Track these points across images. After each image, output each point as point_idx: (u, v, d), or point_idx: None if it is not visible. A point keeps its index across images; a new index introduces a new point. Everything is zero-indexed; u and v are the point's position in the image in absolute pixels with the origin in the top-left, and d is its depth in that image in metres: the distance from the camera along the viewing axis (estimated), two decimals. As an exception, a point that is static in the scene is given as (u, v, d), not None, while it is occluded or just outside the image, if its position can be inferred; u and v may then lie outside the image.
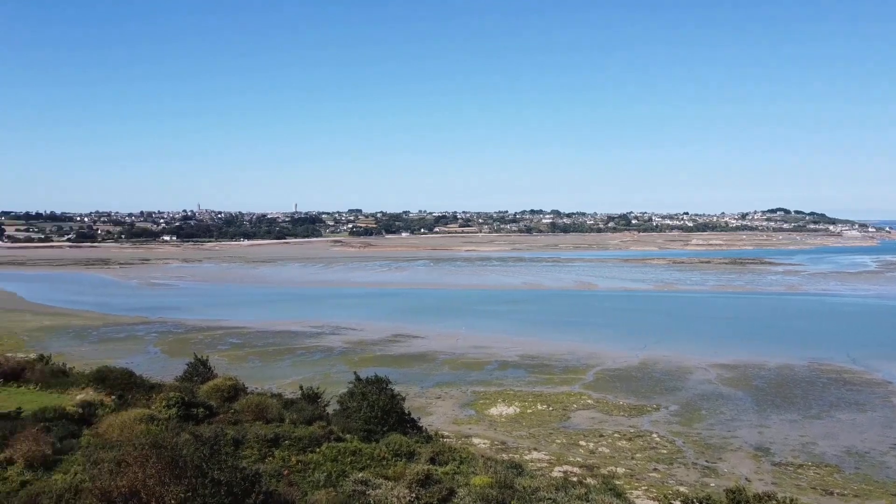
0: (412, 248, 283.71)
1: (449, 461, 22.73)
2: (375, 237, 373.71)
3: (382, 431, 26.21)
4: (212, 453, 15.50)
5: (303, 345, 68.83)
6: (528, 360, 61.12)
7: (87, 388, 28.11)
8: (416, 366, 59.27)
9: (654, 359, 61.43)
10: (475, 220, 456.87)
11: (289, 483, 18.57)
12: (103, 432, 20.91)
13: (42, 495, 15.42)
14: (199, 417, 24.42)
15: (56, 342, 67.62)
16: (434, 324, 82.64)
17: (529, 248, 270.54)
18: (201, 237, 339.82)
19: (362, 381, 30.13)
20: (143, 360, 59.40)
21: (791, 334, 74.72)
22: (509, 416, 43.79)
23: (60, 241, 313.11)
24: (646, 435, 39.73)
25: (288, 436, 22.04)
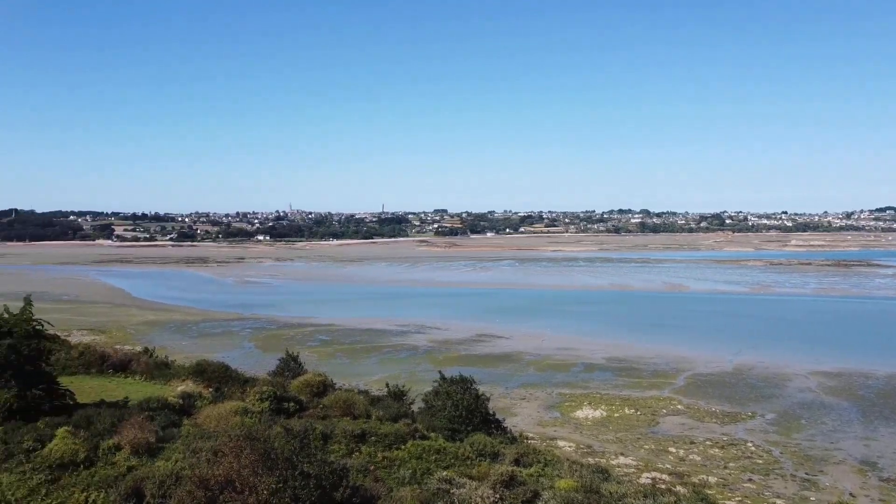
0: (497, 247, 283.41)
1: (533, 463, 22.58)
2: (461, 237, 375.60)
3: (467, 431, 26.31)
4: (302, 447, 16.01)
5: (389, 343, 69.98)
6: (616, 363, 59.88)
7: (187, 380, 29.60)
8: (500, 366, 59.16)
9: (750, 364, 58.91)
10: (561, 220, 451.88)
11: (375, 479, 18.92)
12: (201, 422, 21.95)
13: (146, 480, 16.34)
14: (290, 411, 25.23)
15: (159, 336, 71.50)
16: (519, 324, 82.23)
17: (617, 249, 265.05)
18: (293, 237, 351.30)
19: (447, 380, 30.36)
20: (238, 354, 61.91)
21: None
22: (595, 420, 43.05)
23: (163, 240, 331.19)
24: (740, 444, 38.15)
25: (374, 432, 22.45)
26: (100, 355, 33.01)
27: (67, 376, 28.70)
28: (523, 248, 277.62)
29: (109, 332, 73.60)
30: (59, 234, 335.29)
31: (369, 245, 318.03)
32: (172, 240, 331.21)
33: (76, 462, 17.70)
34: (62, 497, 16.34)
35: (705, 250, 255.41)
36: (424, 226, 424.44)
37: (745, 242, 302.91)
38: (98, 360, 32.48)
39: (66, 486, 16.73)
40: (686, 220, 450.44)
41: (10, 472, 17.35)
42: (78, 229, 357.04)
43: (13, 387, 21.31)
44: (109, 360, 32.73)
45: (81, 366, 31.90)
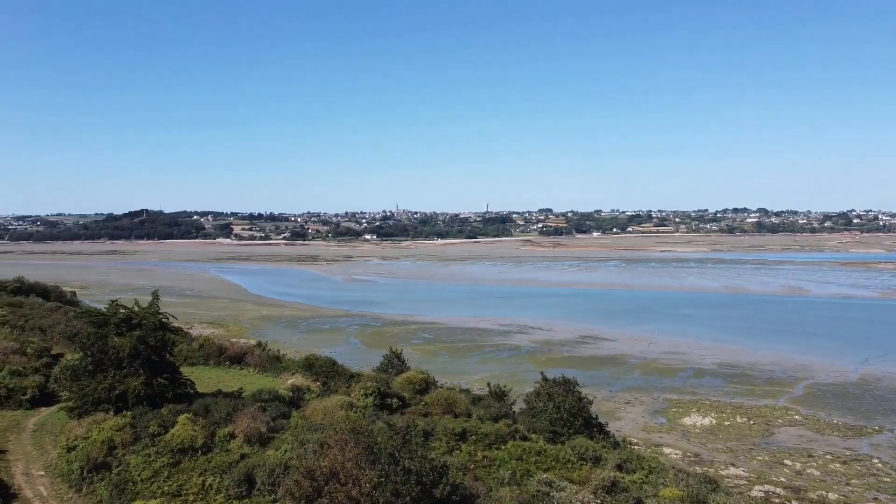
0: (603, 247, 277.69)
1: (637, 469, 21.99)
2: (565, 237, 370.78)
3: (568, 434, 25.96)
4: (404, 443, 16.30)
5: (491, 342, 70.08)
6: (727, 369, 57.27)
7: (296, 374, 30.83)
8: (604, 368, 57.94)
9: (878, 375, 54.80)
10: (671, 220, 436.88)
11: (474, 478, 19.00)
12: (309, 415, 22.80)
13: (257, 468, 17.19)
14: (393, 407, 25.77)
15: (272, 330, 74.90)
16: (625, 326, 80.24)
17: (731, 249, 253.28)
18: (398, 236, 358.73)
19: (549, 381, 30.04)
20: (344, 350, 63.87)
21: None
22: (704, 427, 41.35)
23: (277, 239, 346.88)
24: (865, 459, 35.56)
25: (475, 431, 22.54)
26: (218, 348, 34.95)
27: (188, 367, 30.62)
28: (631, 248, 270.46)
29: (227, 325, 77.87)
30: (184, 233, 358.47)
31: (473, 244, 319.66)
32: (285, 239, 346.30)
33: (195, 447, 18.84)
34: (181, 480, 17.45)
35: (829, 251, 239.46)
36: (528, 225, 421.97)
37: (875, 243, 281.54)
38: (216, 352, 34.43)
39: (186, 470, 17.85)
40: (808, 219, 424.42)
41: (137, 454, 18.72)
42: (201, 228, 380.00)
43: (141, 375, 22.95)
44: (226, 352, 34.61)
45: (201, 357, 33.92)
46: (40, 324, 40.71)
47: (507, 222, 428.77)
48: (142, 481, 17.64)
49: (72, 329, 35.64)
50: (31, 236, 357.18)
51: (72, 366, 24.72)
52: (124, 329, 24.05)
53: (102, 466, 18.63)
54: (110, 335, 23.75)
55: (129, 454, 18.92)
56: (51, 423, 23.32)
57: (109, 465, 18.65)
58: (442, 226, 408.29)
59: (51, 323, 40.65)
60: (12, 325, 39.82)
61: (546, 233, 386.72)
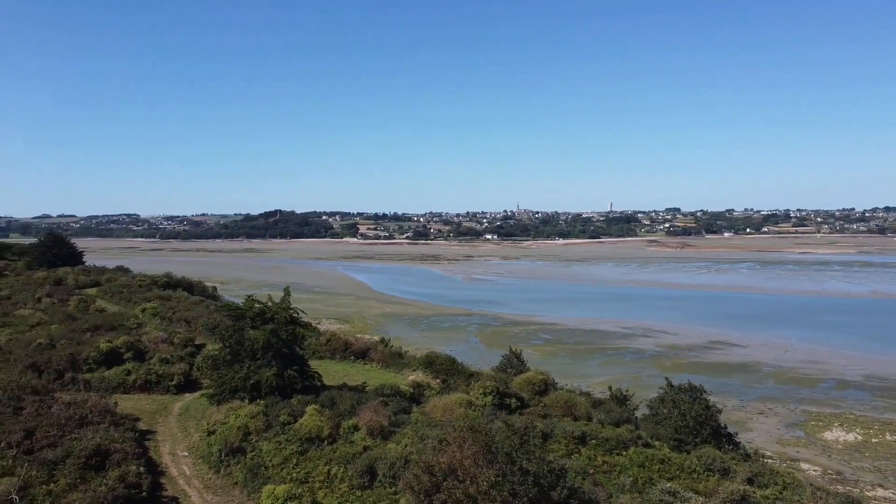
0: (735, 248, 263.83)
1: (770, 484, 20.69)
2: (694, 237, 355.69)
3: (694, 442, 24.92)
4: (521, 443, 16.24)
5: (613, 345, 68.39)
6: (876, 382, 52.78)
7: (417, 371, 31.51)
8: (735, 376, 55.03)
9: None
10: (812, 219, 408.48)
11: (594, 482, 18.63)
12: (429, 411, 23.22)
13: (379, 461, 17.71)
14: (512, 407, 25.75)
15: (394, 327, 76.90)
16: (757, 332, 75.83)
17: (882, 252, 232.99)
18: (519, 236, 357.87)
19: (674, 387, 28.95)
20: (464, 348, 64.49)
21: None
22: (848, 444, 38.32)
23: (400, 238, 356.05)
24: None
25: (595, 435, 22.09)
26: (343, 343, 36.34)
27: (316, 360, 32.05)
28: (765, 249, 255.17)
29: (352, 321, 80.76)
30: (314, 232, 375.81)
31: (596, 244, 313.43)
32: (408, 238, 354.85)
33: (321, 437, 19.71)
34: (308, 468, 18.29)
35: None
36: (654, 225, 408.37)
37: None
38: (342, 347, 35.81)
39: (312, 459, 18.70)
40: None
41: (269, 441, 19.82)
42: (329, 228, 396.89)
43: (273, 366, 24.27)
44: (351, 347, 35.92)
45: (328, 351, 35.40)
46: (186, 316, 43.93)
47: (632, 222, 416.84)
48: (273, 466, 18.66)
49: (213, 321, 38.22)
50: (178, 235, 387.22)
51: (212, 356, 26.56)
52: (258, 323, 25.54)
53: (238, 451, 19.90)
54: (246, 328, 25.34)
55: (261, 440, 20.08)
56: (194, 408, 25.17)
57: (244, 450, 19.89)
58: (564, 226, 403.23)
59: (195, 315, 43.74)
60: (161, 317, 43.26)
61: (673, 233, 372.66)
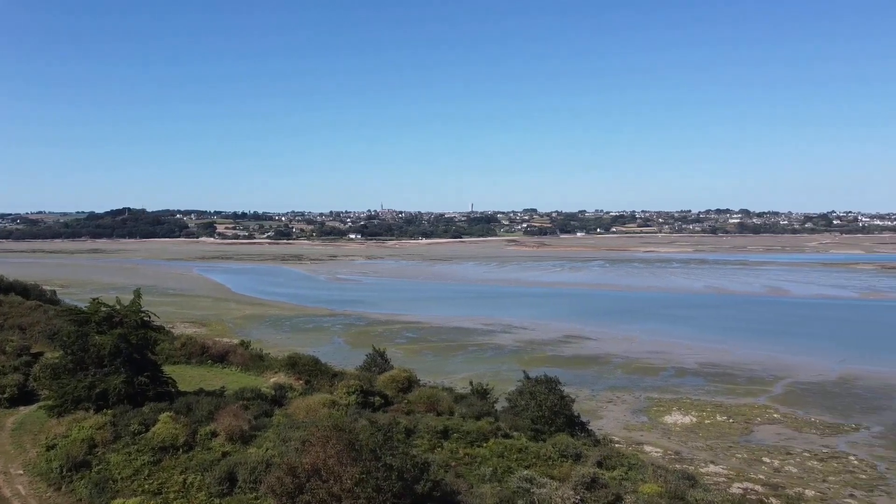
0: (587, 248, 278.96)
1: (617, 466, 22.22)
2: (550, 237, 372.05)
3: (550, 431, 26.17)
4: (386, 440, 16.45)
5: (475, 342, 70.28)
6: (709, 369, 57.85)
7: (279, 373, 30.84)
8: (587, 368, 58.33)
9: (856, 374, 55.59)
10: (655, 220, 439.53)
11: (456, 474, 19.16)
12: (292, 413, 22.85)
13: (239, 466, 17.22)
14: (376, 405, 25.87)
15: (255, 329, 74.63)
16: (608, 326, 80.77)
17: (714, 250, 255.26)
18: (383, 235, 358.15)
19: (532, 380, 30.27)
20: (328, 349, 63.79)
21: None
22: (685, 426, 41.78)
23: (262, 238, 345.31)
24: (842, 456, 36.12)
25: (457, 429, 22.70)
26: (200, 346, 34.85)
27: (171, 365, 30.51)
28: (615, 248, 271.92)
29: (210, 324, 77.46)
30: (167, 232, 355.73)
31: (458, 244, 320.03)
32: (270, 238, 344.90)
33: (176, 446, 18.84)
34: (163, 478, 17.46)
35: (810, 252, 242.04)
36: (513, 225, 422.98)
37: (855, 244, 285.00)
38: (199, 350, 34.33)
39: (167, 468, 17.86)
40: (789, 220, 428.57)
41: (118, 453, 18.69)
42: (184, 227, 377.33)
43: (122, 373, 22.86)
44: (209, 351, 34.52)
45: (184, 356, 33.82)
46: (20, 322, 40.35)
47: (492, 222, 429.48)
48: (122, 479, 17.62)
49: (52, 328, 35.32)
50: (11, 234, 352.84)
51: (52, 364, 24.60)
52: (105, 327, 23.97)
53: (82, 465, 18.58)
54: (91, 333, 23.67)
55: (109, 452, 18.89)
56: (30, 422, 23.19)
57: (90, 464, 18.61)
58: (427, 225, 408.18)
59: (31, 322, 40.29)
60: (-9, 324, 39.42)
61: (531, 233, 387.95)
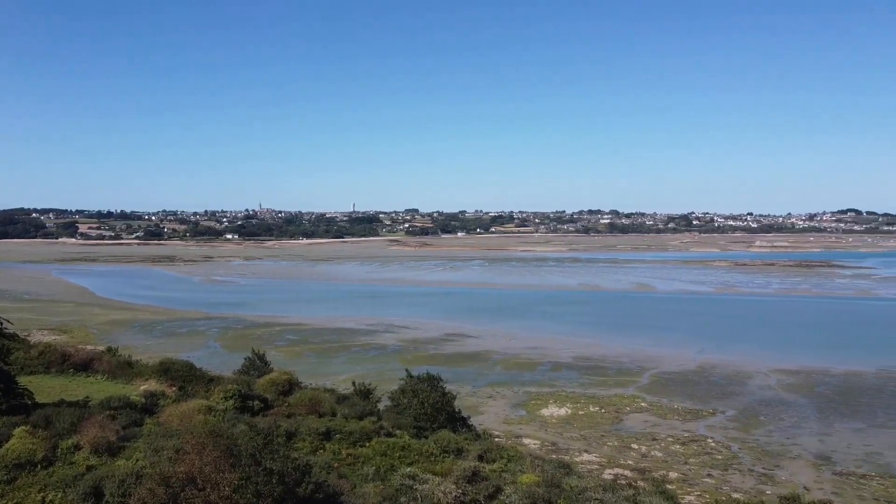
0: (468, 247, 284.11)
1: (497, 459, 22.85)
2: (432, 237, 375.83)
3: (432, 428, 26.53)
4: (266, 444, 16.08)
5: (358, 342, 69.90)
6: (582, 362, 60.59)
7: (150, 380, 29.34)
8: (469, 365, 59.48)
9: (713, 363, 60.06)
10: (532, 221, 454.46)
11: (339, 475, 19.03)
12: (164, 421, 21.83)
13: (106, 479, 16.24)
14: (255, 410, 25.20)
15: (123, 335, 70.47)
16: (488, 324, 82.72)
17: (587, 249, 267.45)
18: (262, 236, 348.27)
19: (414, 378, 30.56)
20: (204, 354, 61.33)
21: (860, 340, 71.84)
22: (561, 418, 43.56)
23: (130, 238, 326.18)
24: (701, 440, 38.95)
25: (340, 430, 22.55)
26: (61, 354, 32.52)
27: (27, 376, 28.28)
28: (494, 247, 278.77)
29: (72, 331, 72.32)
30: (22, 232, 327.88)
31: (340, 244, 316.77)
32: (139, 238, 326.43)
33: (34, 462, 17.50)
34: (18, 497, 16.16)
35: (673, 251, 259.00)
36: (395, 225, 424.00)
37: (712, 243, 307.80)
38: (59, 359, 32.00)
39: (23, 487, 16.54)
40: (654, 220, 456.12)
41: (-34, 472, 17.10)
42: (41, 227, 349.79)
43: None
44: (71, 359, 32.26)
45: (41, 365, 31.41)
46: None
47: (375, 222, 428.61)
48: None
49: None
50: None
51: None
52: (-52, 336, 21.88)
53: (-76, 488, 16.87)
54: (-69, 343, 21.54)
55: (-45, 472, 17.24)
56: None
57: (-68, 486, 16.91)
58: (308, 225, 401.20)
59: None
60: None
61: (413, 233, 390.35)
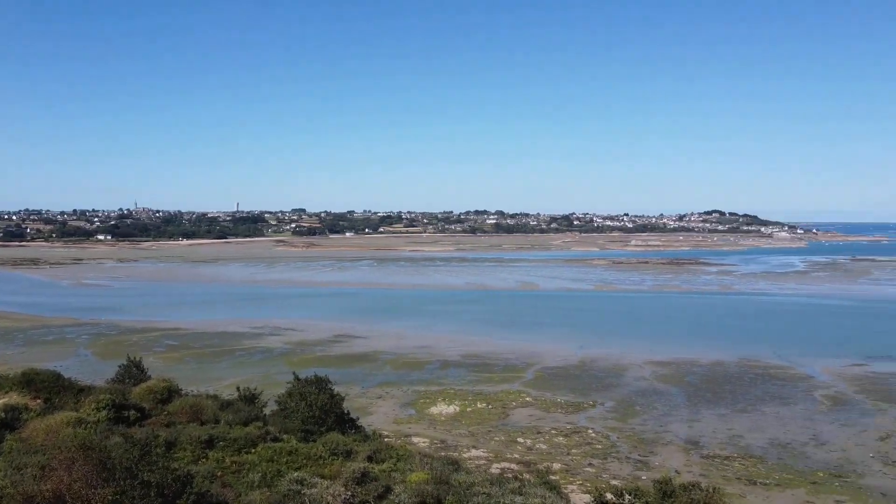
0: (357, 247, 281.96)
1: (386, 459, 22.88)
2: (319, 237, 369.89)
3: (321, 431, 26.16)
4: (143, 455, 15.33)
5: (242, 346, 67.79)
6: (470, 360, 61.66)
7: (11, 392, 27.11)
8: (357, 366, 59.11)
9: (593, 357, 62.80)
10: (420, 221, 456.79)
11: (223, 484, 18.42)
12: (28, 437, 20.30)
13: (-40, 502, 14.92)
14: (131, 420, 23.92)
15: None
16: (377, 324, 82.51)
17: (474, 249, 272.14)
18: (138, 236, 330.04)
19: (301, 380, 29.98)
20: (73, 362, 57.50)
21: (723, 332, 77.43)
22: (449, 415, 44.15)
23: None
24: (582, 431, 40.66)
25: (223, 437, 21.82)
26: None
27: None
28: (383, 248, 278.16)
29: (-82, 342, 65.74)
30: None
31: (223, 245, 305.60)
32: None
33: None
34: None
35: (555, 250, 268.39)
36: (282, 225, 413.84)
37: (591, 242, 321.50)
38: None
39: None
40: (538, 221, 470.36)
41: None
42: None
43: None
44: (-83, 372, 29.31)
45: None
46: None
47: (260, 222, 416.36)
48: None
49: None
50: None
51: None
52: None
53: None
54: None
55: None
56: None
57: None
58: (188, 225, 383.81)
59: None
60: None
61: (300, 233, 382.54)
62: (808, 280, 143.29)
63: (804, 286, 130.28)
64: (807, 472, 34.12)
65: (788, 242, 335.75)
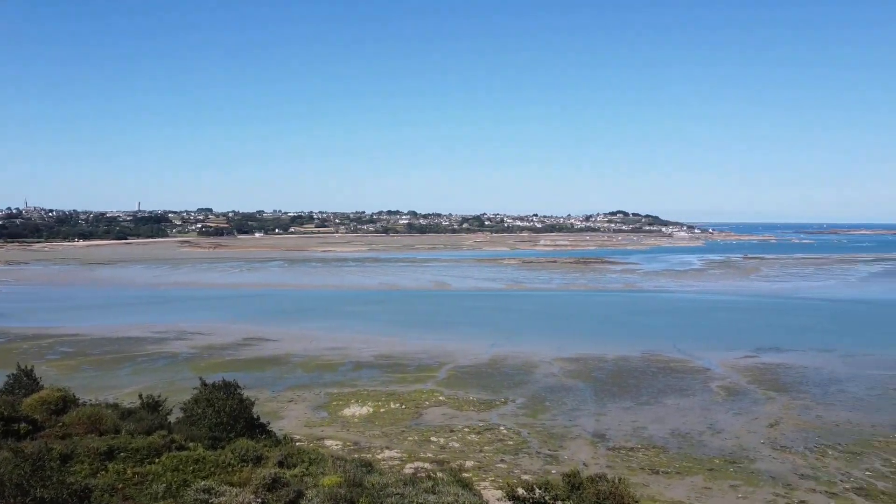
0: (267, 248, 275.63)
1: (298, 463, 22.50)
2: (227, 237, 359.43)
3: (230, 438, 25.45)
4: (35, 470, 14.56)
5: (144, 351, 65.01)
6: (383, 360, 61.50)
7: None
8: (268, 369, 57.84)
9: (504, 355, 63.91)
10: (332, 221, 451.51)
11: (124, 497, 17.66)
12: None
13: None
14: (22, 433, 22.49)
15: None
16: (288, 326, 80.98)
17: (386, 249, 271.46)
18: (29, 237, 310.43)
19: (208, 386, 29.00)
20: (-44, 373, 53.43)
21: (628, 328, 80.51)
22: (362, 417, 43.91)
23: None
24: (494, 428, 41.32)
25: (124, 447, 20.88)
26: None
27: None
28: (293, 248, 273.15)
29: None
30: None
31: (124, 246, 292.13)
32: None
33: None
34: None
35: (467, 250, 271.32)
36: (187, 225, 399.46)
37: (502, 242, 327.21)
38: None
39: None
40: (450, 221, 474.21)
41: None
42: None
43: None
44: None
45: None
46: None
47: (163, 222, 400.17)
48: None
49: None
50: None
51: None
52: None
53: None
54: None
55: None
56: None
57: None
58: (85, 226, 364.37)
59: None
60: None
61: (206, 233, 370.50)
62: (705, 277, 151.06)
63: (701, 283, 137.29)
64: (704, 459, 35.99)
65: (687, 241, 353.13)
